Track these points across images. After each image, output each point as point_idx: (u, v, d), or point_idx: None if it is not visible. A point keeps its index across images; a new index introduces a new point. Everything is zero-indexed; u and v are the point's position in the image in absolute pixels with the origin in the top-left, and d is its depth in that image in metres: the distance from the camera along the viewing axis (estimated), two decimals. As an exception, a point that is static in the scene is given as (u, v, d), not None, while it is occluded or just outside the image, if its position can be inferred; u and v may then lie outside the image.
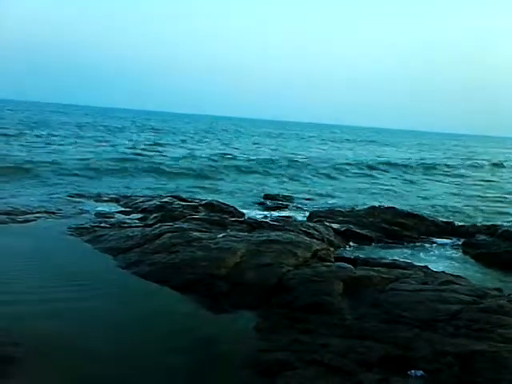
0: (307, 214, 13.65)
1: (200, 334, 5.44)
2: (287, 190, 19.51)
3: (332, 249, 9.41)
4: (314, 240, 9.06)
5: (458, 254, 11.03)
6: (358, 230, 11.59)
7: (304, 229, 10.27)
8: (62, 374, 4.46)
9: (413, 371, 4.68)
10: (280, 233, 8.77)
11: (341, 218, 12.58)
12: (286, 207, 15.41)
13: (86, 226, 9.58)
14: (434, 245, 11.57)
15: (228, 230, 9.17)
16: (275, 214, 13.68)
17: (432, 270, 7.82)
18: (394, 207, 14.13)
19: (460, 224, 13.41)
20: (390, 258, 8.96)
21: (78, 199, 12.96)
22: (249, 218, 11.99)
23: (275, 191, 18.42)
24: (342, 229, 11.42)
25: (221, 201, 13.49)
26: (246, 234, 8.81)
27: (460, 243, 11.64)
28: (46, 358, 4.67)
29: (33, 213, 10.44)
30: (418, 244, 11.53)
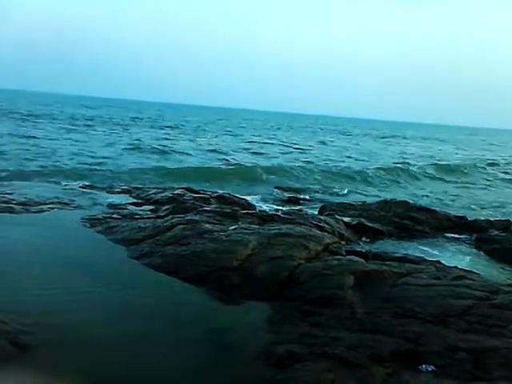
0: (318, 207, 13.63)
1: (211, 326, 5.47)
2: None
3: (343, 242, 9.39)
4: (326, 233, 9.05)
5: (471, 249, 10.95)
6: (370, 224, 11.54)
7: (315, 222, 10.25)
8: (73, 362, 4.53)
9: (424, 366, 4.67)
10: (291, 226, 8.76)
11: (352, 212, 12.54)
12: (297, 201, 15.41)
13: (99, 216, 9.66)
14: (447, 239, 11.49)
15: (239, 223, 9.18)
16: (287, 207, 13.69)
17: (444, 265, 7.77)
18: (406, 201, 14.06)
19: (473, 219, 13.28)
20: (401, 253, 8.91)
21: (90, 190, 13.06)
22: (260, 210, 12.01)
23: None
24: (354, 222, 11.38)
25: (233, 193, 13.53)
26: (257, 226, 8.81)
27: (473, 238, 11.55)
28: (58, 346, 4.74)
29: (46, 203, 10.55)
30: (429, 238, 11.46)
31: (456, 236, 11.78)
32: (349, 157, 33.12)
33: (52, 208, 10.26)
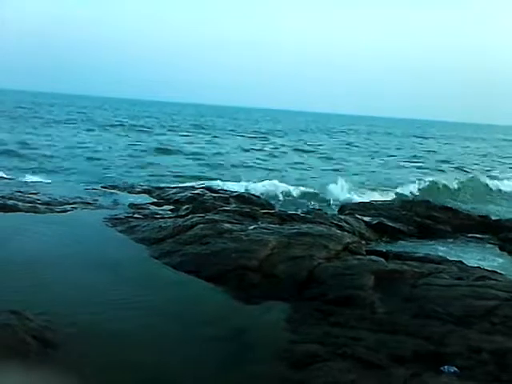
0: (338, 206, 13.56)
1: (231, 324, 5.50)
2: None
3: (363, 242, 9.33)
4: (345, 233, 9.00)
5: (494, 248, 10.75)
6: (390, 224, 11.43)
7: (335, 221, 10.21)
8: (96, 359, 4.61)
9: (446, 367, 4.61)
10: (311, 225, 8.75)
11: (372, 211, 12.44)
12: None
13: (121, 216, 9.81)
14: (469, 239, 11.31)
15: (259, 222, 9.21)
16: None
17: (466, 265, 7.64)
18: (427, 200, 13.89)
19: (496, 218, 13.03)
20: (422, 252, 8.79)
21: (112, 190, 13.27)
22: (280, 210, 12.01)
23: None
24: (374, 222, 11.30)
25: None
26: (277, 226, 8.82)
27: (496, 238, 11.33)
28: (82, 343, 4.83)
29: (69, 203, 10.76)
30: (451, 238, 11.29)
31: (479, 236, 11.58)
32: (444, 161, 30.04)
33: (75, 208, 10.46)
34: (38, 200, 10.69)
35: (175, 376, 4.54)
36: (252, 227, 8.39)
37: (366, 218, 11.40)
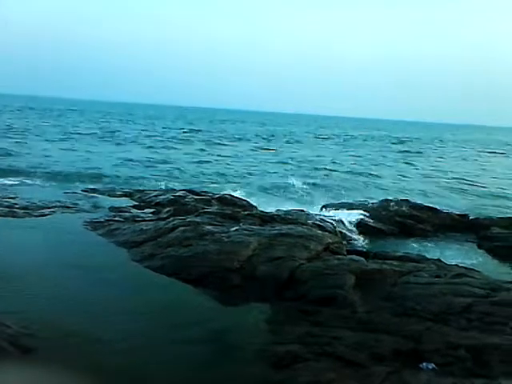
0: (320, 206, 13.64)
1: (212, 326, 5.50)
2: None
3: (344, 242, 9.40)
4: (326, 233, 9.06)
5: (473, 246, 10.96)
6: (371, 223, 11.56)
7: (316, 222, 10.27)
8: (74, 363, 4.55)
9: (424, 364, 4.68)
10: (292, 226, 8.78)
11: (353, 211, 12.55)
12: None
13: (101, 219, 9.69)
14: (448, 238, 11.50)
15: (241, 224, 9.20)
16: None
17: (445, 263, 7.79)
18: (407, 200, 14.05)
19: (474, 217, 13.27)
20: (402, 251, 8.93)
21: (92, 194, 13.11)
22: (261, 211, 12.02)
23: None
24: (355, 222, 11.40)
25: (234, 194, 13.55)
26: (258, 227, 8.83)
27: (475, 236, 11.55)
28: (60, 348, 4.77)
29: (49, 207, 10.60)
30: (431, 237, 11.47)
31: (458, 234, 11.78)
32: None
33: (54, 212, 10.30)
34: (16, 204, 10.50)
35: (155, 378, 4.52)
36: (233, 229, 8.38)
37: (347, 218, 11.50)
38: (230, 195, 13.26)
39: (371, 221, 11.77)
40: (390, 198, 14.52)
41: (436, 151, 45.78)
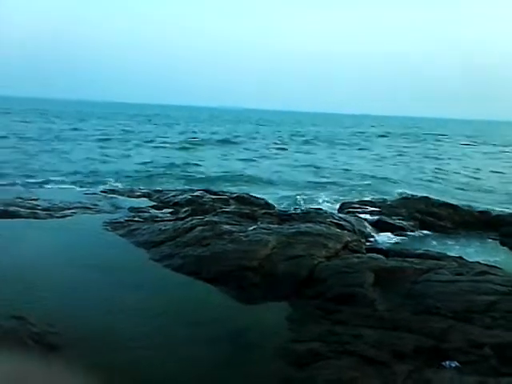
0: (338, 204, 13.57)
1: (232, 325, 5.52)
2: None
3: (363, 240, 9.34)
4: (345, 231, 9.02)
5: (495, 244, 10.76)
6: (390, 221, 11.45)
7: (335, 220, 10.22)
8: (97, 361, 4.63)
9: (447, 362, 4.62)
10: (310, 224, 8.76)
11: (372, 209, 12.45)
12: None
13: (120, 220, 9.81)
14: (469, 235, 11.32)
15: (258, 223, 9.22)
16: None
17: (467, 261, 7.66)
18: (427, 196, 13.87)
19: (497, 214, 13.02)
20: (423, 249, 8.82)
21: (111, 195, 13.27)
22: (279, 210, 12.02)
23: None
24: (374, 220, 11.31)
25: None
26: (276, 226, 8.84)
27: (497, 233, 11.33)
28: (83, 347, 4.86)
29: (70, 208, 10.76)
30: (452, 234, 11.30)
31: (479, 231, 11.58)
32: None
33: (75, 212, 10.46)
34: (38, 206, 10.69)
35: (175, 376, 4.55)
36: (251, 228, 8.40)
37: (366, 216, 11.42)
38: (247, 194, 13.28)
39: (390, 218, 11.65)
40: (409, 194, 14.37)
41: None
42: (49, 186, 15.14)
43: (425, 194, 14.66)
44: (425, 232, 11.38)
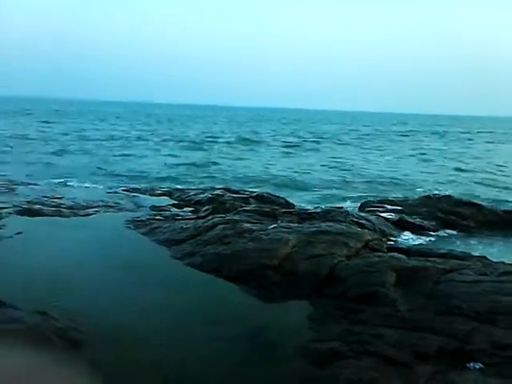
0: (359, 204, 13.46)
1: (252, 323, 5.53)
2: None
3: (384, 239, 9.25)
4: (366, 230, 8.95)
5: (520, 243, 10.52)
6: (412, 220, 11.31)
7: (355, 219, 10.15)
8: (119, 358, 4.71)
9: (471, 364, 4.55)
10: (331, 223, 8.71)
11: (393, 208, 12.31)
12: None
13: (142, 218, 9.94)
14: (493, 234, 11.09)
15: (279, 221, 9.22)
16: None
17: (491, 261, 7.51)
18: (449, 195, 13.65)
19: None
20: (445, 248, 8.68)
21: (133, 193, 13.44)
22: (300, 209, 11.99)
23: None
24: (395, 219, 11.19)
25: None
26: (296, 225, 8.82)
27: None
28: (106, 343, 4.94)
29: (93, 207, 10.95)
30: (475, 234, 11.10)
31: (504, 231, 11.35)
32: None
33: (98, 211, 10.64)
34: (63, 204, 10.91)
35: (195, 374, 4.59)
36: (272, 226, 8.41)
37: (387, 215, 11.30)
38: (267, 193, 13.28)
39: (412, 217, 11.51)
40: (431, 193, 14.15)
41: None
42: (72, 185, 15.43)
43: (448, 193, 14.43)
44: (447, 231, 11.20)
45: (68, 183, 15.69)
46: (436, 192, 15.86)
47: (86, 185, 15.59)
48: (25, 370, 4.21)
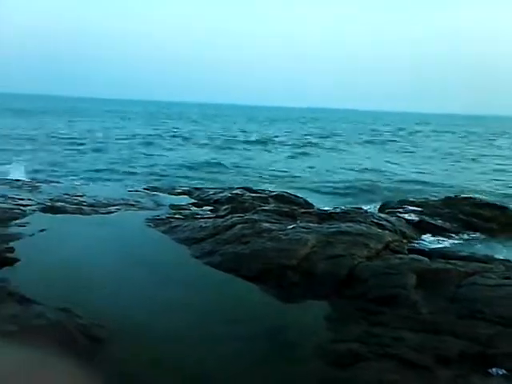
0: (379, 204, 13.32)
1: (271, 323, 5.53)
2: None
3: (405, 240, 9.14)
4: (386, 231, 8.85)
5: (545, 247, 10.27)
6: (433, 222, 11.14)
7: (375, 220, 10.04)
8: (140, 355, 4.75)
9: (494, 369, 4.47)
10: (351, 224, 8.66)
11: (414, 209, 12.15)
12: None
13: (162, 217, 10.03)
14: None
15: (298, 221, 9.19)
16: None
17: (515, 264, 7.36)
18: (471, 197, 13.40)
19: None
20: (467, 251, 8.53)
21: (153, 192, 13.57)
22: (319, 209, 11.93)
23: None
24: (416, 220, 11.04)
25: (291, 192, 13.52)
26: (316, 225, 8.78)
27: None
28: (127, 339, 5.00)
29: (113, 205, 11.09)
30: (498, 236, 10.87)
31: (528, 233, 11.09)
32: None
33: (119, 209, 10.77)
34: (84, 202, 11.07)
35: (214, 373, 4.61)
36: (291, 226, 8.39)
37: (408, 216, 11.16)
38: (286, 193, 13.25)
39: (433, 219, 11.33)
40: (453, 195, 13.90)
41: None
42: (93, 183, 15.64)
43: (470, 195, 14.16)
44: (469, 233, 11.00)
45: (89, 181, 15.92)
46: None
47: (108, 183, 15.79)
48: (46, 365, 4.28)
